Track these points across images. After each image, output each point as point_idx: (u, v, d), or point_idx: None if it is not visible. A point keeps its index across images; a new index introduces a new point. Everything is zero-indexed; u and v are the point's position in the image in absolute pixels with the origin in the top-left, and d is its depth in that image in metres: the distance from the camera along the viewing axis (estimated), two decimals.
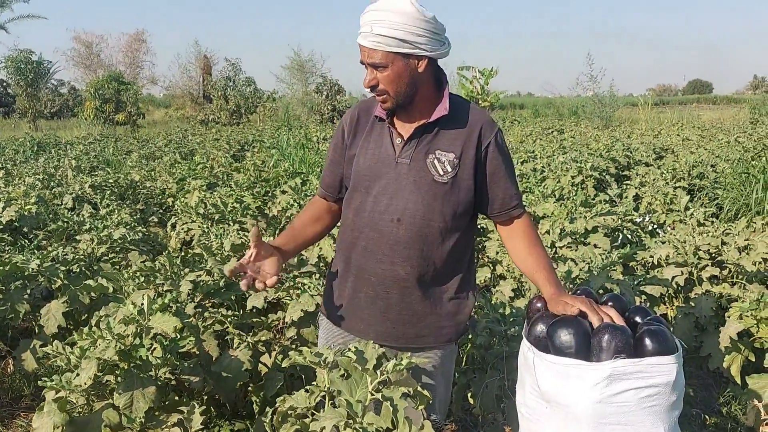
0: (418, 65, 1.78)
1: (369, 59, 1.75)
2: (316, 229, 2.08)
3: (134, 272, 2.94)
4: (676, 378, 1.57)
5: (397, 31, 1.70)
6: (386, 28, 1.70)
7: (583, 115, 23.81)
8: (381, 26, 1.70)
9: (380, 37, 1.71)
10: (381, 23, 1.70)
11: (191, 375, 2.49)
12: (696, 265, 3.75)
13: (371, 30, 1.72)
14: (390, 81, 1.77)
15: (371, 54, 1.74)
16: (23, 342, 3.26)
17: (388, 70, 1.75)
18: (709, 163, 8.18)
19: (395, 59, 1.74)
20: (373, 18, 1.72)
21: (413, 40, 1.72)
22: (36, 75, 26.76)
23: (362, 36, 1.75)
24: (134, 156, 11.29)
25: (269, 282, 1.86)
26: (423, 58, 1.77)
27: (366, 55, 1.76)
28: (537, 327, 1.74)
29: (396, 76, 1.76)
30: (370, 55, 1.75)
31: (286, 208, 5.58)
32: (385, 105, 1.83)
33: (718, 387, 3.54)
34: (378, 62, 1.75)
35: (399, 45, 1.72)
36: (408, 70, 1.77)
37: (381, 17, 1.71)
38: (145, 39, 36.84)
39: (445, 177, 1.84)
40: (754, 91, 68.82)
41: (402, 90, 1.79)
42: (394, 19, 1.70)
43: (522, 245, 1.94)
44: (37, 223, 5.33)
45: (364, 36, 1.74)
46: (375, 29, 1.71)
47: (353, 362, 1.69)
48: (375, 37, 1.71)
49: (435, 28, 1.76)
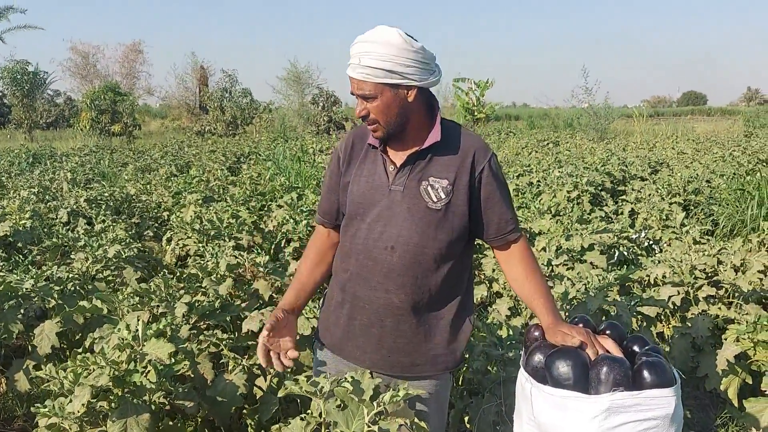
0: (408, 95, 1.79)
1: (358, 90, 1.77)
2: (322, 269, 2.09)
3: (129, 293, 2.93)
4: (675, 410, 1.56)
5: (384, 63, 1.71)
6: (374, 60, 1.71)
7: (579, 127, 23.88)
8: (369, 58, 1.72)
9: (368, 69, 1.73)
10: (369, 55, 1.72)
11: (186, 399, 2.48)
12: (692, 284, 3.75)
13: (359, 62, 1.73)
14: (380, 111, 1.78)
15: (360, 85, 1.76)
16: (16, 362, 3.23)
17: (378, 101, 1.77)
18: (704, 179, 8.20)
19: (384, 90, 1.76)
20: (361, 50, 1.74)
21: (401, 70, 1.73)
22: (32, 85, 26.73)
23: (351, 68, 1.76)
24: (130, 168, 11.25)
25: (290, 355, 1.88)
26: (412, 88, 1.79)
27: (356, 86, 1.78)
28: (535, 357, 1.74)
29: (385, 106, 1.78)
30: (359, 87, 1.77)
31: (282, 223, 5.57)
32: (376, 134, 1.84)
33: (715, 408, 3.52)
34: (367, 93, 1.76)
35: (387, 76, 1.73)
36: (397, 100, 1.78)
37: (368, 49, 1.72)
38: (141, 49, 36.89)
39: (438, 204, 1.83)
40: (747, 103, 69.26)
41: (392, 120, 1.80)
42: (382, 50, 1.71)
43: (519, 271, 1.94)
44: (31, 238, 5.31)
45: (353, 68, 1.75)
46: (363, 61, 1.73)
47: (350, 393, 1.68)
48: (363, 68, 1.73)
49: (423, 57, 1.77)
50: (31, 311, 3.40)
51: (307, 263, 2.08)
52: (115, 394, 2.17)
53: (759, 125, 24.64)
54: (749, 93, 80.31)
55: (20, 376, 3.15)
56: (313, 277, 2.07)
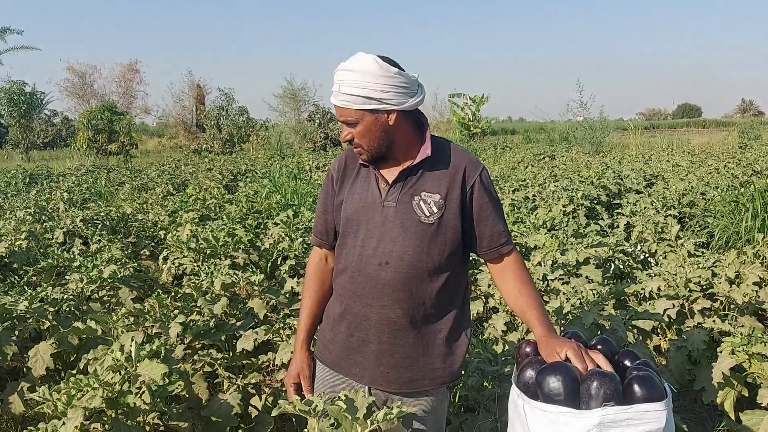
0: (388, 119, 1.83)
1: (340, 117, 1.84)
2: (327, 296, 2.12)
3: (123, 314, 2.92)
4: (666, 425, 1.56)
5: (361, 90, 1.76)
6: (352, 87, 1.77)
7: (574, 140, 23.99)
8: (347, 86, 1.78)
9: (347, 96, 1.78)
10: (347, 83, 1.78)
11: (180, 420, 2.46)
12: (687, 297, 3.75)
13: (339, 89, 1.79)
14: (362, 135, 1.84)
15: (341, 112, 1.82)
16: (10, 384, 3.22)
17: (360, 126, 1.82)
18: (698, 191, 8.24)
19: (364, 115, 1.81)
20: (340, 78, 1.80)
21: (379, 96, 1.77)
22: (29, 106, 26.86)
23: (333, 95, 1.82)
24: (127, 188, 11.27)
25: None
26: (392, 112, 1.82)
27: (338, 113, 1.84)
28: (526, 373, 1.74)
29: (366, 131, 1.83)
30: (340, 113, 1.83)
31: (278, 241, 5.58)
32: (362, 157, 1.90)
33: (712, 421, 3.51)
34: (349, 119, 1.82)
35: (365, 102, 1.78)
36: (378, 124, 1.83)
37: (346, 77, 1.78)
38: (138, 69, 37.01)
39: (431, 218, 1.85)
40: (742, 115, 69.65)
41: (374, 143, 1.85)
42: (358, 78, 1.76)
43: (512, 284, 1.95)
44: (27, 259, 5.31)
45: (334, 95, 1.81)
46: (342, 89, 1.79)
47: (343, 411, 1.67)
48: (342, 96, 1.79)
49: (402, 82, 1.80)
50: (25, 333, 3.39)
51: (312, 294, 2.11)
52: (108, 415, 2.16)
53: (753, 137, 24.78)
54: (743, 105, 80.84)
55: (15, 398, 3.14)
56: (321, 307, 2.12)
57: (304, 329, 2.09)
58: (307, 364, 2.07)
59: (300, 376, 2.06)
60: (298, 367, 2.06)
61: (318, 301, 2.09)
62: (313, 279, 2.11)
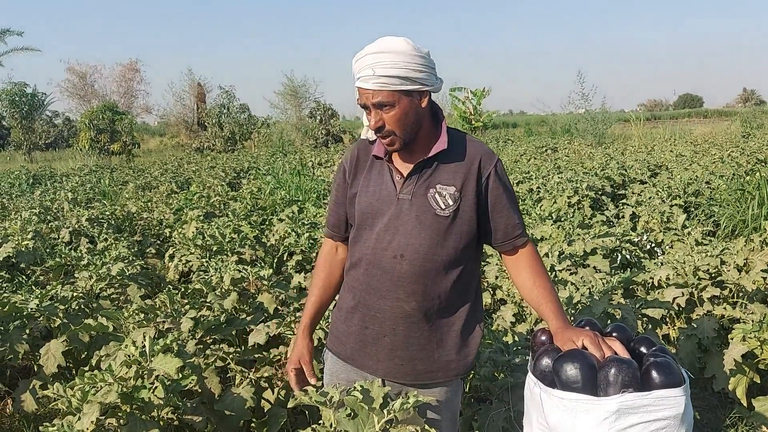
0: (421, 101, 1.82)
1: (374, 99, 1.77)
2: (335, 287, 2.12)
3: (134, 310, 2.93)
4: (685, 410, 1.56)
5: (399, 70, 1.73)
6: (389, 69, 1.73)
7: (576, 132, 23.92)
8: (382, 67, 1.73)
9: (384, 78, 1.74)
10: (382, 64, 1.73)
11: (194, 414, 2.47)
12: (696, 285, 3.75)
13: (374, 72, 1.74)
14: (397, 120, 1.79)
15: (376, 95, 1.76)
16: (22, 382, 3.23)
17: (395, 109, 1.78)
18: (703, 180, 8.22)
19: (401, 98, 1.77)
20: (373, 61, 1.74)
21: (415, 76, 1.75)
22: (31, 107, 26.87)
23: (363, 80, 1.76)
24: (130, 187, 11.28)
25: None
26: (425, 94, 1.81)
27: (370, 96, 1.77)
28: (542, 361, 1.73)
29: (403, 114, 1.79)
30: (374, 96, 1.76)
31: (284, 236, 5.58)
32: (392, 147, 1.84)
33: (723, 408, 3.51)
34: (385, 101, 1.76)
35: (402, 83, 1.75)
36: (413, 107, 1.80)
37: (380, 59, 1.74)
38: (138, 68, 36.98)
39: (446, 210, 1.85)
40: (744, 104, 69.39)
41: (408, 128, 1.81)
42: (393, 58, 1.73)
43: (527, 276, 1.94)
44: (34, 258, 5.32)
45: (366, 79, 1.75)
46: (377, 71, 1.73)
47: (359, 401, 1.68)
48: (378, 78, 1.74)
49: (430, 62, 1.81)
50: (36, 331, 3.40)
51: (319, 282, 2.10)
52: (123, 410, 2.17)
53: (756, 126, 24.70)
54: (745, 94, 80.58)
55: (27, 396, 3.15)
56: (328, 298, 2.12)
57: (308, 315, 2.10)
58: (308, 349, 2.07)
59: (301, 361, 2.05)
60: (299, 353, 2.06)
61: (325, 289, 2.09)
62: (321, 268, 2.11)
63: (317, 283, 2.10)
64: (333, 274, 2.10)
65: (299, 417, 2.81)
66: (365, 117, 2.00)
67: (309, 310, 2.10)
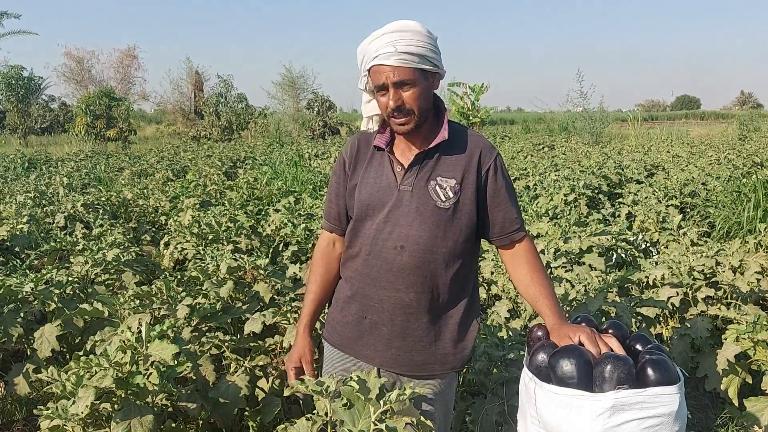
0: (434, 83, 1.84)
1: (396, 77, 1.76)
2: (333, 282, 2.10)
3: (130, 296, 2.92)
4: (679, 408, 1.57)
5: (420, 48, 1.75)
6: (410, 46, 1.74)
7: (574, 131, 23.93)
8: (404, 44, 1.74)
9: (406, 55, 1.74)
10: (403, 42, 1.74)
11: (188, 401, 2.47)
12: (691, 285, 3.76)
13: (396, 49, 1.74)
14: (415, 98, 1.79)
15: (397, 72, 1.75)
16: (16, 366, 3.22)
17: (415, 87, 1.78)
18: (700, 181, 8.24)
19: (418, 76, 1.78)
20: (394, 38, 1.75)
21: (431, 56, 1.78)
22: (27, 91, 26.75)
23: (384, 56, 1.75)
24: (126, 173, 11.25)
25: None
26: (436, 76, 1.84)
27: (391, 74, 1.76)
28: (538, 356, 1.74)
29: (420, 93, 1.79)
30: (396, 74, 1.75)
31: (280, 226, 5.58)
32: (405, 127, 1.83)
33: (715, 408, 3.54)
34: (406, 79, 1.76)
35: (422, 62, 1.76)
36: (428, 86, 1.83)
37: (401, 37, 1.75)
38: (136, 55, 36.72)
39: (447, 203, 1.85)
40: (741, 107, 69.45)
41: (424, 107, 1.83)
42: (412, 37, 1.75)
43: (524, 272, 1.94)
44: (29, 242, 5.30)
45: (387, 56, 1.74)
46: (399, 48, 1.73)
47: (356, 392, 1.68)
48: (400, 55, 1.74)
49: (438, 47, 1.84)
50: (30, 315, 3.39)
51: (317, 279, 2.08)
52: (118, 395, 2.16)
53: (753, 128, 24.76)
54: (742, 97, 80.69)
55: (20, 379, 3.14)
56: (327, 294, 2.10)
57: (307, 313, 2.08)
58: (309, 348, 2.06)
59: (302, 360, 2.04)
60: (300, 351, 2.05)
61: (324, 285, 2.08)
62: (319, 263, 2.08)
63: (316, 279, 2.08)
64: (331, 270, 2.08)
65: (293, 406, 2.82)
66: (366, 108, 1.98)
67: (308, 308, 2.08)
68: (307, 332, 2.08)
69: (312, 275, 2.10)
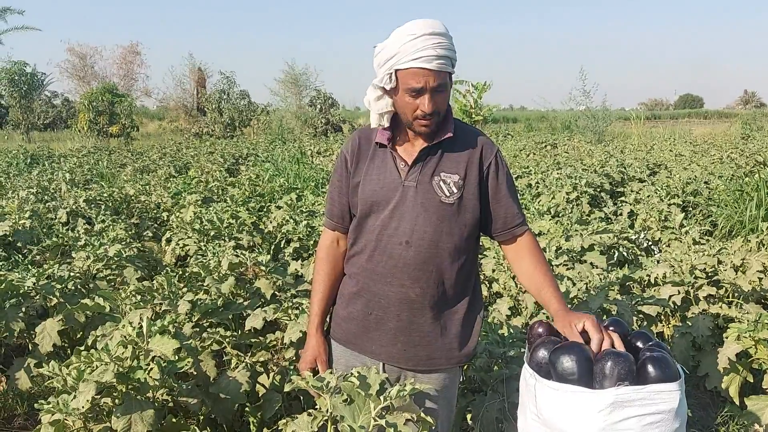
0: (452, 84, 1.85)
1: (435, 83, 1.75)
2: (340, 279, 2.10)
3: (131, 292, 2.93)
4: (680, 405, 1.57)
5: (451, 52, 1.76)
6: (447, 50, 1.74)
7: (576, 129, 23.88)
8: (443, 49, 1.73)
9: (444, 59, 1.74)
10: (442, 46, 1.73)
11: (189, 396, 2.48)
12: (692, 284, 3.76)
13: (437, 53, 1.72)
14: (445, 101, 1.81)
15: (437, 78, 1.75)
16: (17, 361, 3.23)
17: (446, 91, 1.80)
18: (702, 180, 8.23)
19: (449, 80, 1.80)
20: (435, 42, 1.72)
21: (455, 59, 1.79)
22: (30, 86, 26.72)
23: (425, 60, 1.72)
24: (128, 169, 11.25)
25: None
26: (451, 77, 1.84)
27: (431, 80, 1.74)
28: (539, 353, 1.74)
29: (448, 95, 1.82)
30: (436, 79, 1.75)
31: (282, 223, 5.58)
32: (428, 128, 1.83)
33: (715, 407, 3.53)
34: (442, 83, 1.77)
35: (451, 65, 1.78)
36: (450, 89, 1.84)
37: (440, 40, 1.73)
38: (139, 51, 36.68)
39: (451, 198, 1.87)
40: (744, 106, 69.33)
41: (446, 109, 1.85)
42: (448, 40, 1.75)
43: (527, 263, 1.96)
44: (31, 238, 5.30)
45: (429, 60, 1.72)
46: (440, 52, 1.72)
47: (356, 387, 1.68)
48: (441, 59, 1.73)
49: None
50: (32, 310, 3.39)
51: (324, 278, 2.07)
52: (118, 390, 2.17)
53: (756, 128, 24.70)
54: (746, 96, 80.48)
55: (21, 374, 3.15)
56: (333, 290, 2.09)
57: (318, 313, 2.06)
58: (324, 348, 2.06)
59: (317, 360, 2.05)
60: (315, 352, 2.05)
61: (330, 284, 2.07)
62: (325, 262, 2.07)
63: (322, 279, 2.06)
64: (336, 268, 2.07)
65: (294, 403, 2.82)
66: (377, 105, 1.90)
67: (317, 307, 2.06)
68: (320, 332, 2.08)
69: (317, 274, 2.08)
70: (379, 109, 1.88)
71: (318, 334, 2.06)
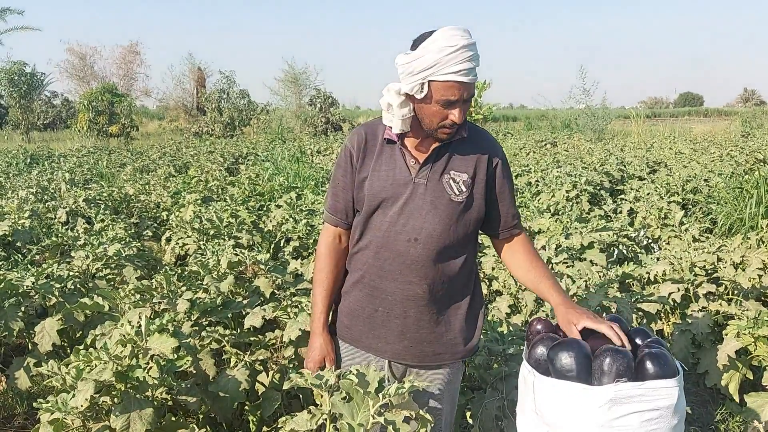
0: None
1: (467, 95, 1.77)
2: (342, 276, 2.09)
3: (130, 290, 2.92)
4: (678, 401, 1.57)
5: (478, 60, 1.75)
6: (477, 61, 1.74)
7: (576, 127, 23.87)
8: (475, 60, 1.73)
9: (475, 71, 1.74)
10: (474, 58, 1.73)
11: (188, 395, 2.48)
12: (692, 281, 3.76)
13: (472, 66, 1.72)
14: (467, 111, 1.81)
15: (470, 89, 1.76)
16: (16, 360, 3.23)
17: (470, 101, 1.80)
18: (702, 178, 8.22)
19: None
20: (470, 54, 1.71)
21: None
22: (29, 87, 26.73)
23: (464, 74, 1.71)
24: (128, 169, 11.25)
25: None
26: None
27: (465, 92, 1.75)
28: (537, 350, 1.74)
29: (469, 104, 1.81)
30: (468, 92, 1.76)
31: (282, 222, 5.58)
32: (451, 135, 1.84)
33: (715, 404, 3.53)
34: (473, 93, 1.78)
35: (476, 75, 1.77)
36: None
37: (473, 52, 1.72)
38: (139, 51, 36.67)
39: (460, 197, 1.89)
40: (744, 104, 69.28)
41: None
42: (476, 50, 1.74)
43: (523, 258, 2.00)
44: (30, 237, 5.30)
45: (466, 73, 1.72)
46: (473, 64, 1.72)
47: (355, 385, 1.68)
48: (473, 72, 1.74)
49: None
50: (31, 309, 3.39)
51: (327, 276, 2.05)
52: (117, 389, 2.17)
53: (756, 126, 24.69)
54: (746, 94, 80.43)
55: (21, 373, 3.15)
56: (336, 287, 2.08)
57: (322, 310, 2.04)
58: (332, 346, 2.06)
59: (326, 359, 2.04)
60: (323, 351, 2.04)
61: (334, 282, 2.06)
62: (327, 259, 2.05)
63: (325, 276, 2.04)
64: (338, 265, 2.07)
65: (293, 401, 2.82)
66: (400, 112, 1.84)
67: (321, 305, 2.04)
68: (327, 330, 2.07)
69: (319, 272, 2.06)
70: (403, 114, 1.84)
71: (325, 332, 2.05)
